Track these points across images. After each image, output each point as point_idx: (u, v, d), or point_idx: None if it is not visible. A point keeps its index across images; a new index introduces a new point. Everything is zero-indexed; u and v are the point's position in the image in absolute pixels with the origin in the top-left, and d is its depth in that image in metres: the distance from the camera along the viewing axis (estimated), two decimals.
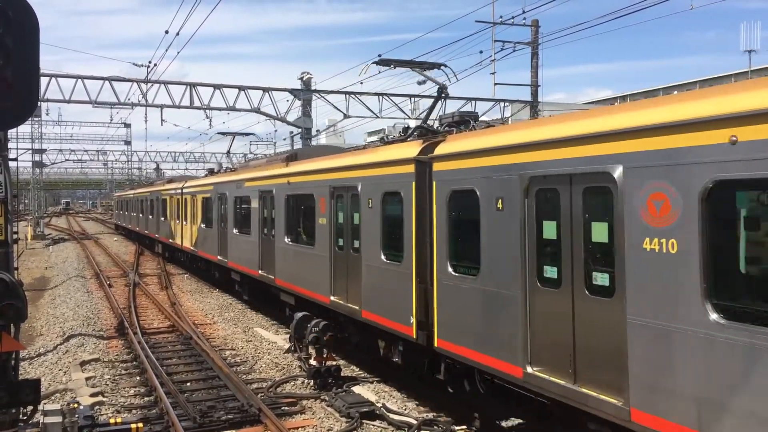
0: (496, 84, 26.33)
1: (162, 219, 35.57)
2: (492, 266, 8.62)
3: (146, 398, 12.29)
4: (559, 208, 7.45)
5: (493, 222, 8.58)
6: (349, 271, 12.79)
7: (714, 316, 5.77)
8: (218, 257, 22.92)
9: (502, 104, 33.40)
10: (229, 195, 21.55)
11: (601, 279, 7.06)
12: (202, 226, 25.65)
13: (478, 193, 8.88)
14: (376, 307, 11.64)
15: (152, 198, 39.22)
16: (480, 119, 11.74)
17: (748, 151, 5.47)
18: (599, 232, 7.08)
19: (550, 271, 7.64)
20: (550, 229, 7.58)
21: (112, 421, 9.69)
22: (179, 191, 30.76)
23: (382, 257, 11.46)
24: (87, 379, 13.33)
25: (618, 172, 6.68)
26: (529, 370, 7.99)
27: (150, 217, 40.00)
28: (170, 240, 33.14)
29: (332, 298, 13.41)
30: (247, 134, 34.53)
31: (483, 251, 8.76)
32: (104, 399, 12.07)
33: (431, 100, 35.87)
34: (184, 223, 29.31)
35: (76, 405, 9.12)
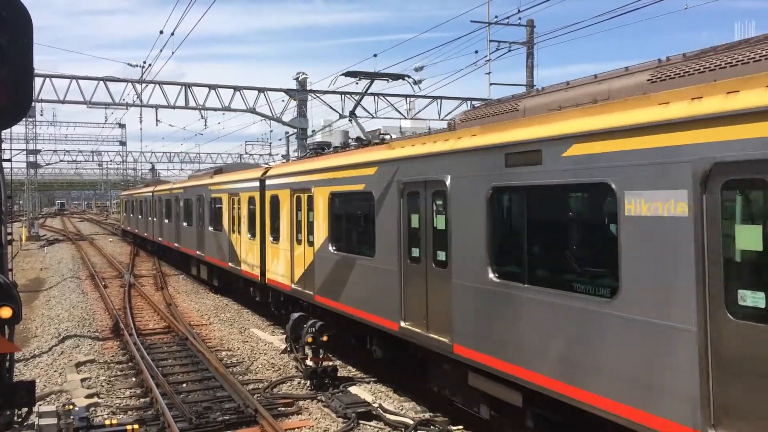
0: (491, 84, 26.32)
1: (210, 229, 24.15)
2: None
3: (142, 399, 12.26)
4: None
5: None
6: None
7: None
8: (403, 323, 10.74)
9: None
10: (454, 189, 9.32)
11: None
12: (332, 249, 13.50)
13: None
14: None
15: (189, 197, 27.73)
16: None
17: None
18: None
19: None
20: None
21: (107, 422, 9.68)
22: (254, 185, 18.82)
23: None
24: (82, 380, 13.28)
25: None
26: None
27: (185, 224, 28.53)
28: (230, 264, 21.49)
29: None
30: (403, 76, 17.37)
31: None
32: (100, 400, 12.03)
33: (427, 101, 35.91)
34: (272, 240, 17.33)
35: (71, 406, 9.10)
